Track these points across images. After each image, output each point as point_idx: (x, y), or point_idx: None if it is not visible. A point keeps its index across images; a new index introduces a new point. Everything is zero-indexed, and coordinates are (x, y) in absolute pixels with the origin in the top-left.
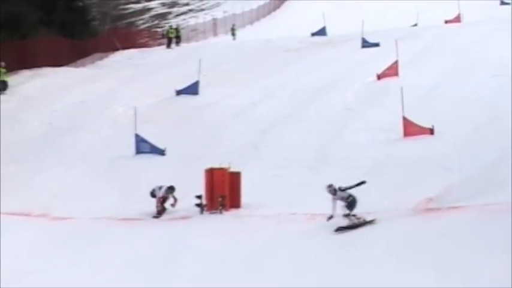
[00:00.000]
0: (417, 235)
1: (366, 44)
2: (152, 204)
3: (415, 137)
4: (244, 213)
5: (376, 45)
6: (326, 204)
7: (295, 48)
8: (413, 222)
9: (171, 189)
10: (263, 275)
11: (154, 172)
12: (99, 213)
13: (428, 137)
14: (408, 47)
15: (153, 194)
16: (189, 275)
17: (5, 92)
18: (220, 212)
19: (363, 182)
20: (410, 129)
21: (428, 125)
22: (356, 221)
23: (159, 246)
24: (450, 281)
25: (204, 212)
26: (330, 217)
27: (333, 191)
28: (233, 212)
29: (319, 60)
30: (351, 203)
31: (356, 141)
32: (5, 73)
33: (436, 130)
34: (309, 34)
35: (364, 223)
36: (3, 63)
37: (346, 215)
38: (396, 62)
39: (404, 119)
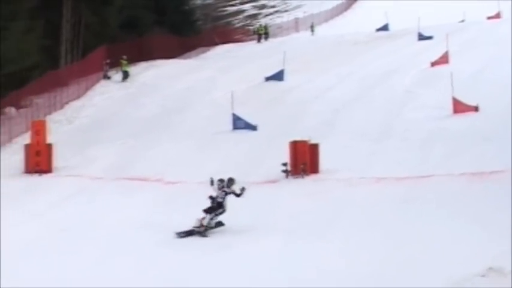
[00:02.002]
0: (463, 194)
1: (421, 37)
2: (249, 172)
3: (462, 113)
4: (321, 178)
5: (430, 38)
6: (389, 170)
7: (362, 42)
8: (460, 183)
9: (231, 181)
10: (337, 227)
11: (248, 144)
12: (204, 178)
13: (473, 113)
14: (457, 39)
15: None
16: (279, 227)
17: (127, 80)
18: (302, 177)
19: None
20: (459, 107)
21: (473, 104)
22: (201, 228)
23: (254, 205)
24: (489, 231)
25: (289, 177)
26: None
27: (220, 185)
28: (312, 176)
29: (382, 51)
30: (217, 207)
31: (413, 118)
32: (126, 65)
33: (480, 108)
34: (374, 30)
35: (203, 231)
36: (125, 57)
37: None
38: (447, 52)
39: (454, 98)
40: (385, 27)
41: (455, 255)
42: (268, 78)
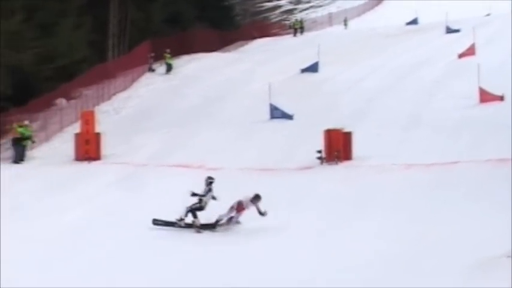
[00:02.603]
0: (489, 179)
1: (449, 30)
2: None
3: (488, 102)
4: (354, 164)
5: (457, 31)
6: (418, 156)
7: (393, 35)
8: (486, 169)
9: (256, 198)
10: (371, 210)
11: (285, 133)
12: (243, 165)
13: (499, 102)
14: (483, 32)
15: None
16: (315, 210)
17: (170, 72)
18: (336, 163)
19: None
20: (485, 96)
21: (499, 93)
22: (182, 223)
23: (290, 189)
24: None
25: (324, 163)
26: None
27: (208, 183)
28: (346, 163)
29: (412, 44)
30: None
31: (441, 107)
32: (170, 58)
33: (505, 97)
34: (403, 24)
35: (182, 226)
36: (168, 50)
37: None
38: (473, 44)
39: (480, 88)
40: (414, 21)
41: (482, 237)
42: (303, 70)
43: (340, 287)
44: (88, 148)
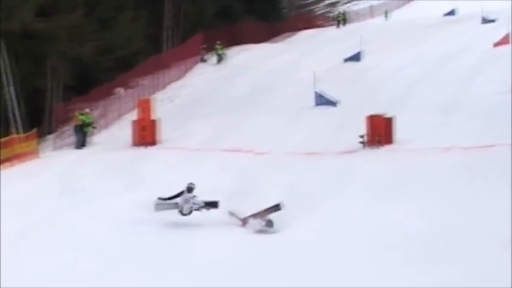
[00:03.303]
0: None
1: (484, 20)
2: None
3: None
4: (395, 148)
5: (493, 21)
6: (456, 140)
7: (431, 26)
8: None
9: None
10: (411, 191)
11: (329, 118)
12: (290, 149)
13: None
14: None
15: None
16: (357, 191)
17: (221, 62)
18: (378, 147)
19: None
20: None
21: None
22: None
23: (334, 171)
24: None
25: (366, 147)
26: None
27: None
28: (387, 147)
29: (450, 34)
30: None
31: (477, 93)
32: (221, 49)
33: None
34: (441, 15)
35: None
36: (219, 42)
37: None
38: (508, 34)
39: None
40: (452, 12)
41: None
42: (346, 59)
43: (389, 262)
44: (145, 134)
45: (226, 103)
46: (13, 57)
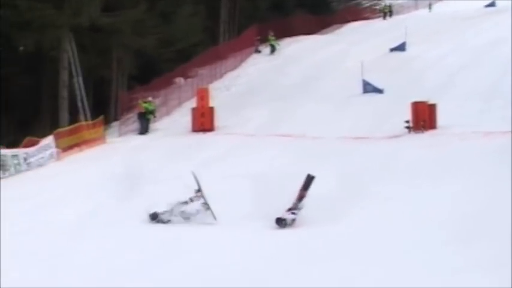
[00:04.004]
0: None
1: None
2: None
3: None
4: (438, 133)
5: None
6: (496, 125)
7: (473, 17)
8: None
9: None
10: (454, 173)
11: (376, 105)
12: (339, 134)
13: None
14: None
15: None
16: (403, 173)
17: (274, 53)
18: (422, 132)
19: None
20: None
21: None
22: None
23: (381, 154)
24: None
25: (411, 132)
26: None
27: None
28: (431, 131)
29: (490, 25)
30: None
31: None
32: (274, 40)
33: None
34: (482, 6)
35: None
36: (272, 34)
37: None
38: None
39: None
40: (492, 4)
41: None
42: (392, 49)
43: (434, 242)
44: (203, 120)
45: (279, 91)
46: (81, 50)
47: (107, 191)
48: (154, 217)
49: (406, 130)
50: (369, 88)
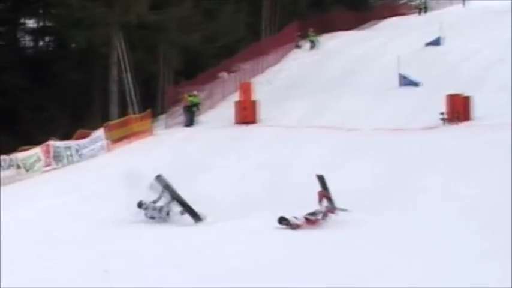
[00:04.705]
0: None
1: None
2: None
3: None
4: (473, 124)
5: None
6: None
7: (505, 11)
8: None
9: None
10: (490, 160)
11: (412, 98)
12: (376, 126)
13: None
14: None
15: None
16: (439, 162)
17: (314, 48)
18: (457, 124)
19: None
20: None
21: None
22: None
23: (418, 145)
24: None
25: (446, 124)
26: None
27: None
28: (465, 123)
29: None
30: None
31: None
32: (314, 36)
33: None
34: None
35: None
36: (312, 29)
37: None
38: None
39: None
40: None
41: None
42: (428, 44)
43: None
44: (246, 113)
45: (318, 85)
46: (130, 46)
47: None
48: (140, 205)
49: (441, 122)
50: (405, 81)
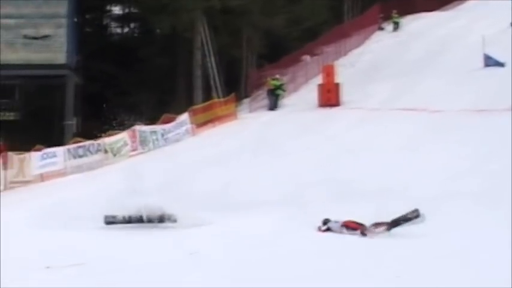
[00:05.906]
0: None
1: None
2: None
3: None
4: None
5: None
6: None
7: None
8: None
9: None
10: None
11: (497, 78)
12: (461, 107)
13: None
14: None
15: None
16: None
17: (397, 30)
18: None
19: None
20: None
21: None
22: None
23: (504, 127)
24: None
25: None
26: None
27: None
28: None
29: None
30: None
31: None
32: (397, 18)
33: None
34: None
35: None
36: (395, 11)
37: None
38: None
39: None
40: None
41: None
42: None
43: None
44: (329, 96)
45: (401, 67)
46: (213, 31)
47: (239, 162)
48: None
49: None
50: (490, 62)
